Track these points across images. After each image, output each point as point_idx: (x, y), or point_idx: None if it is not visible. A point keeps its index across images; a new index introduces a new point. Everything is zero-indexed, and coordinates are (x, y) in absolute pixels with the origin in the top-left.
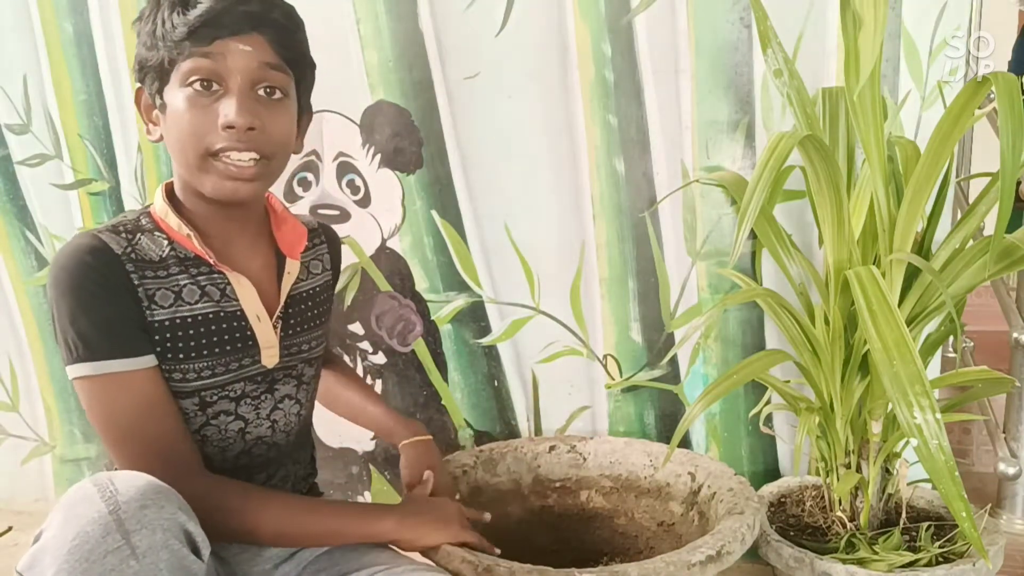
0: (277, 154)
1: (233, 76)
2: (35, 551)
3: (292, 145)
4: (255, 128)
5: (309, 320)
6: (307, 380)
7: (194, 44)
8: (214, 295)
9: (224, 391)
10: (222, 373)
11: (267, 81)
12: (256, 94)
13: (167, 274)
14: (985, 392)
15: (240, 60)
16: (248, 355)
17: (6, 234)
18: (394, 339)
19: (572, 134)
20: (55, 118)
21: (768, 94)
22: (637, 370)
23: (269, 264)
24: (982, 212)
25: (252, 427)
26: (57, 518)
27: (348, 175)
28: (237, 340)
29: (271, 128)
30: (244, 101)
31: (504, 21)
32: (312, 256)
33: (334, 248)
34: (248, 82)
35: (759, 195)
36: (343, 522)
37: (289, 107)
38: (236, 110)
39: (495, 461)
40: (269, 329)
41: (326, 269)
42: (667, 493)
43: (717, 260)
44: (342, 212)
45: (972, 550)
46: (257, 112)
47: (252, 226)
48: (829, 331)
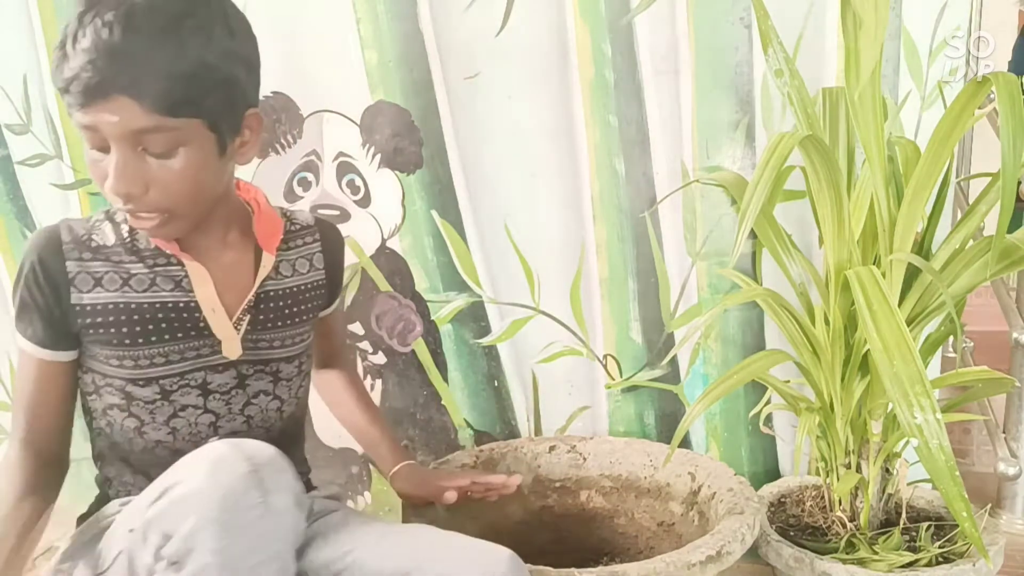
0: (180, 205)
1: (109, 138)
2: (173, 500)
3: (202, 186)
4: (136, 195)
5: (286, 317)
6: (287, 377)
7: (71, 104)
8: (166, 285)
9: (184, 380)
10: (177, 360)
11: (146, 142)
12: (137, 154)
13: (119, 260)
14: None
15: (108, 124)
16: (206, 344)
17: (6, 234)
18: (394, 339)
19: (572, 134)
20: (55, 118)
21: (768, 94)
22: (637, 370)
23: (246, 258)
24: (982, 212)
25: (224, 421)
26: (198, 472)
27: (348, 175)
28: (190, 329)
29: (162, 188)
30: (122, 167)
31: (504, 21)
32: (299, 254)
33: (331, 247)
34: (124, 145)
35: (759, 195)
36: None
37: (187, 158)
38: (113, 179)
39: (495, 461)
40: (225, 321)
41: (316, 268)
42: (667, 493)
43: (717, 260)
44: (342, 212)
45: (972, 550)
46: (141, 176)
47: (222, 221)
48: (829, 331)
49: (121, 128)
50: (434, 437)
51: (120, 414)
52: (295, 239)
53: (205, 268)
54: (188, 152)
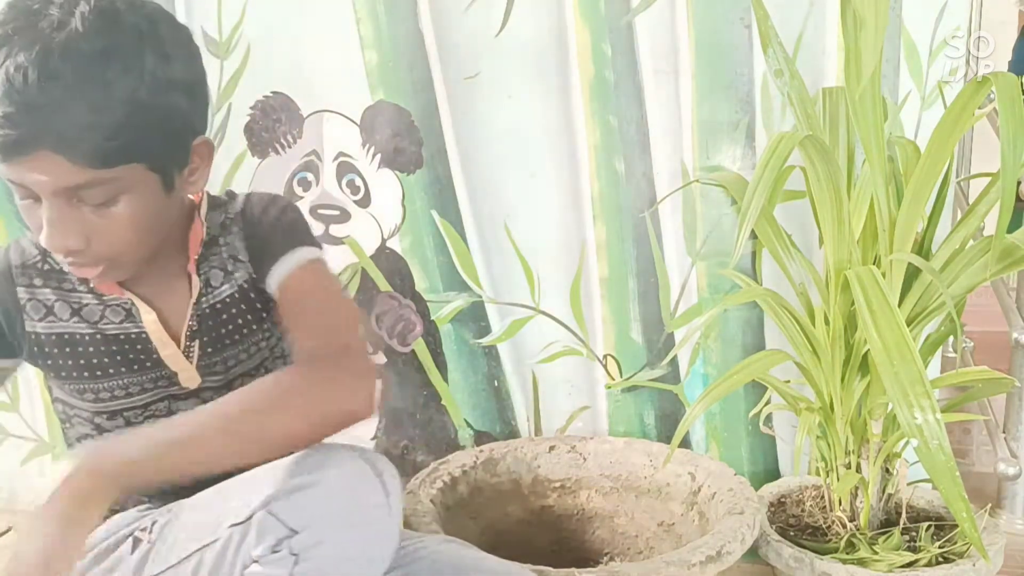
0: (124, 254)
1: (41, 194)
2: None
3: (146, 231)
4: (76, 249)
5: (232, 332)
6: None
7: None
8: (116, 316)
9: (148, 411)
10: (138, 393)
11: (81, 196)
12: (76, 206)
13: (72, 287)
14: (985, 392)
15: (40, 186)
16: (163, 375)
17: (6, 234)
18: (394, 339)
19: (572, 134)
20: None
21: (768, 94)
22: (637, 370)
23: (183, 280)
24: (982, 212)
25: None
26: (329, 472)
27: (348, 175)
28: (144, 361)
29: (103, 238)
30: (58, 223)
31: (504, 21)
32: (227, 253)
33: (249, 226)
34: (59, 201)
35: (759, 195)
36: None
37: (128, 205)
38: (47, 235)
39: (495, 461)
40: (177, 354)
41: (240, 261)
42: (667, 493)
43: (717, 260)
44: (342, 212)
45: (972, 550)
46: (79, 229)
47: (164, 251)
48: (829, 331)
49: (52, 186)
50: (434, 437)
51: (93, 444)
52: (225, 234)
53: (150, 303)
54: (130, 199)
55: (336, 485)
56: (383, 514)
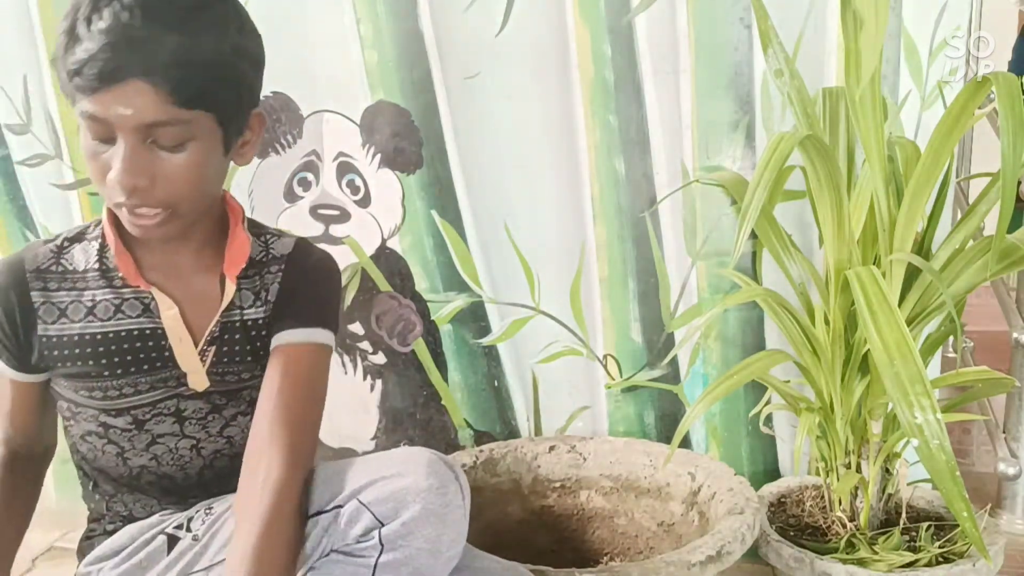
0: (184, 201)
1: (118, 130)
2: (396, 489)
3: (206, 185)
4: (143, 188)
5: (249, 352)
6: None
7: (79, 91)
8: (133, 311)
9: (156, 408)
10: (147, 390)
11: (157, 135)
12: (147, 147)
13: (85, 286)
14: (985, 392)
15: (122, 115)
16: (172, 375)
17: (6, 234)
18: (394, 339)
19: (572, 134)
20: (55, 118)
21: (768, 94)
22: (637, 370)
23: (213, 284)
24: (982, 212)
25: (206, 443)
26: (419, 470)
27: (348, 175)
28: (155, 360)
29: (168, 182)
30: (131, 159)
31: (504, 21)
32: (261, 284)
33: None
34: (134, 137)
35: (759, 195)
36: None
37: (193, 152)
38: (119, 170)
39: (495, 461)
40: (192, 353)
41: (267, 301)
42: (667, 493)
43: (717, 260)
44: (342, 212)
45: (972, 550)
46: (148, 168)
47: (196, 242)
48: (829, 331)
49: (135, 120)
50: (434, 437)
51: (99, 440)
52: (263, 267)
53: (172, 296)
54: (196, 147)
55: (424, 483)
56: (462, 515)
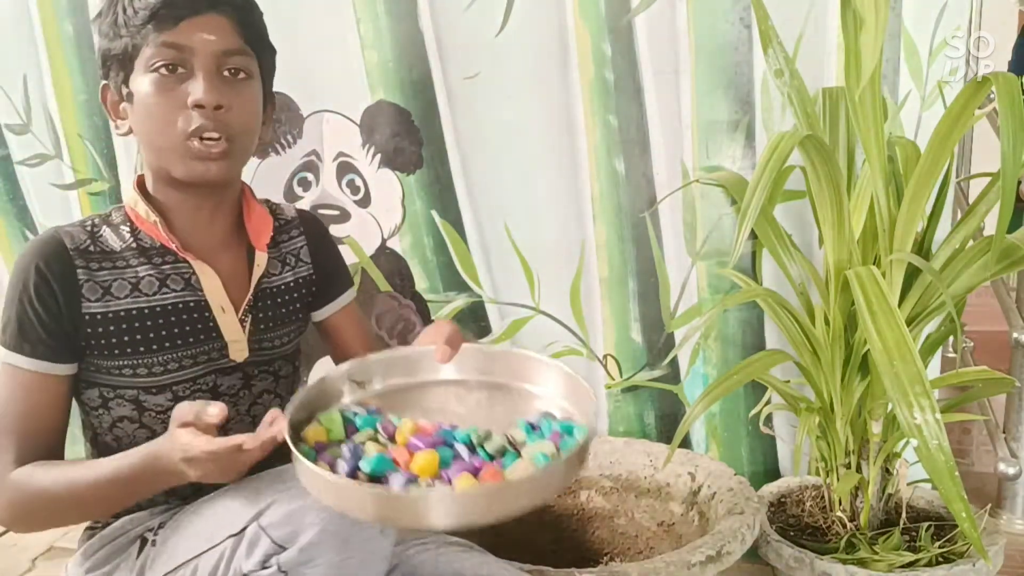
0: (244, 134)
1: (198, 57)
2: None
3: (259, 127)
4: (222, 107)
5: (282, 316)
6: (285, 375)
7: (156, 29)
8: (176, 285)
9: (196, 384)
10: (190, 366)
11: (230, 63)
12: (221, 75)
13: (126, 264)
14: (985, 392)
15: (203, 41)
16: (215, 347)
17: (6, 234)
18: (394, 339)
19: (572, 134)
20: (55, 118)
21: (768, 94)
22: (637, 370)
23: (241, 256)
24: (982, 212)
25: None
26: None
27: (348, 175)
28: (200, 332)
29: (238, 108)
30: (211, 81)
31: (504, 21)
32: (287, 249)
33: (315, 241)
34: (213, 63)
35: (759, 195)
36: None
37: (254, 87)
38: (204, 89)
39: None
40: (234, 322)
41: (303, 262)
42: (667, 493)
43: (717, 260)
44: (342, 212)
45: (972, 550)
46: (223, 92)
47: (223, 216)
48: (829, 331)
49: (216, 45)
50: None
51: (131, 426)
52: (281, 234)
53: (212, 267)
54: (253, 84)
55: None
56: (374, 534)
